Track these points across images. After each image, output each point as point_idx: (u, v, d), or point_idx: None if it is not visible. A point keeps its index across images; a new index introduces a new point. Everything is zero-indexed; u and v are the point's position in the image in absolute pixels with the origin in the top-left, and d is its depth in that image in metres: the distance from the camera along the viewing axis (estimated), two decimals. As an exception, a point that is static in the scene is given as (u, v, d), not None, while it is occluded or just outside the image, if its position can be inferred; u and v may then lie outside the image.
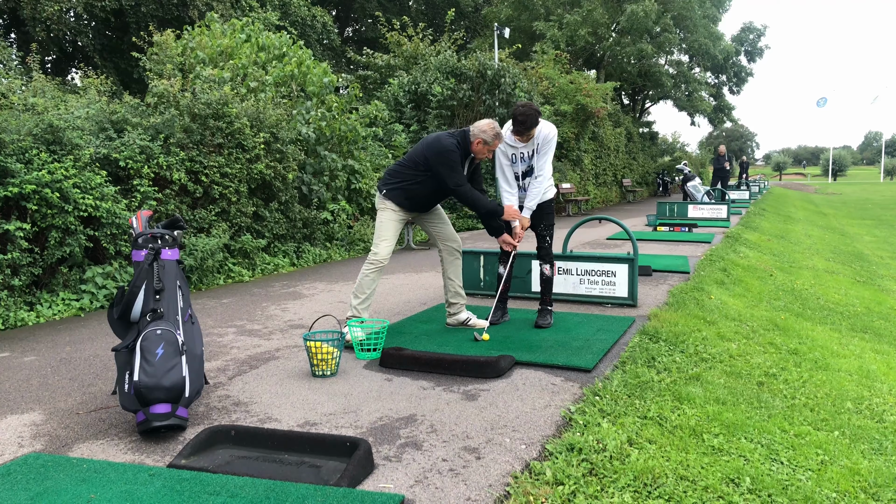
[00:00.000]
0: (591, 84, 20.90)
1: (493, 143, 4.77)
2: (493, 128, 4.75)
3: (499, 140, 4.80)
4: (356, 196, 11.09)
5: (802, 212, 25.32)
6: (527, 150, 5.03)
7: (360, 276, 4.88)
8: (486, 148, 4.78)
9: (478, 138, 4.75)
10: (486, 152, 4.81)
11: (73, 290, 6.33)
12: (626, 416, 3.44)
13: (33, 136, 6.25)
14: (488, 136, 4.73)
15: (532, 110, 4.79)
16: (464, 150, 4.81)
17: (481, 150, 4.79)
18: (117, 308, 3.41)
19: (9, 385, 4.07)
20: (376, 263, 4.86)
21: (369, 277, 4.86)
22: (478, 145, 4.77)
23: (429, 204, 5.02)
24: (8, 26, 20.81)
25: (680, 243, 11.07)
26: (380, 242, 4.90)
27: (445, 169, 4.71)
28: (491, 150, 4.82)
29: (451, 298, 5.18)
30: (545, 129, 4.98)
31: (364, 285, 4.87)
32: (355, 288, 4.90)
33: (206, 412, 3.52)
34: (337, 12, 32.73)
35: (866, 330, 7.47)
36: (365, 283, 4.86)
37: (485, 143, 4.75)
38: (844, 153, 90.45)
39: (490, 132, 4.74)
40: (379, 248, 4.88)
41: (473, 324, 5.20)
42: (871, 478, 3.22)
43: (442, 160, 4.71)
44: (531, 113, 4.79)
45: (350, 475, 2.66)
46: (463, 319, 5.21)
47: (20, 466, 2.83)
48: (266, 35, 11.30)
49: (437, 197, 4.98)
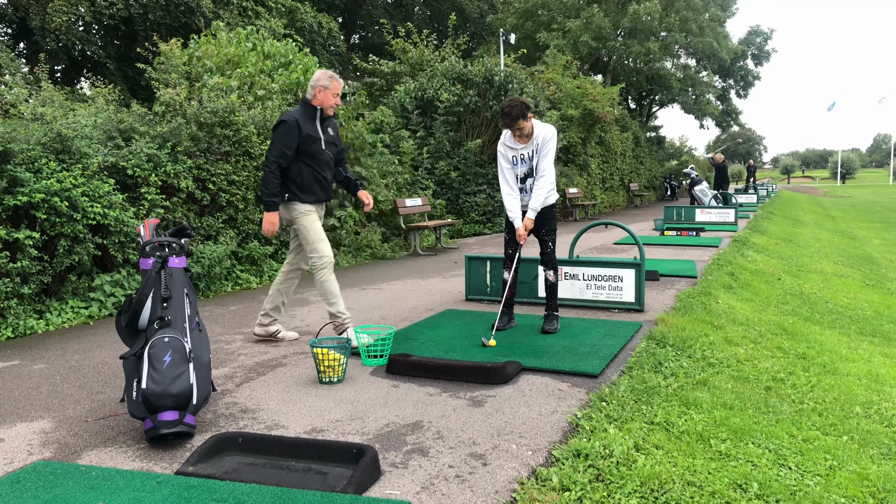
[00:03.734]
0: (598, 89, 20.92)
1: (332, 84, 4.82)
2: (324, 73, 4.85)
3: (336, 80, 4.86)
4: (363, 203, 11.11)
5: (811, 215, 25.21)
6: (527, 150, 5.06)
7: (322, 284, 4.89)
8: (328, 93, 4.84)
9: (316, 88, 4.83)
10: (332, 97, 4.86)
11: (82, 298, 6.37)
12: (633, 421, 3.43)
13: (42, 145, 6.30)
14: (323, 80, 4.82)
15: (517, 102, 4.87)
16: (308, 110, 4.87)
17: (326, 98, 4.85)
18: (125, 316, 3.43)
19: (18, 393, 4.10)
20: (327, 265, 4.91)
21: (330, 280, 4.90)
22: (319, 94, 4.83)
23: (322, 189, 5.01)
24: (17, 36, 20.99)
25: (687, 248, 11.04)
26: (318, 243, 4.92)
27: (274, 139, 4.78)
28: (335, 93, 4.86)
29: (271, 311, 5.19)
30: (544, 130, 5.02)
31: (331, 290, 4.90)
32: (325, 297, 4.90)
33: (214, 419, 3.53)
34: (343, 19, 32.87)
35: (875, 334, 7.43)
36: (330, 287, 4.90)
37: (324, 88, 4.82)
38: (853, 156, 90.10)
39: (324, 77, 4.83)
40: (320, 248, 4.91)
41: (283, 336, 5.26)
42: (881, 483, 3.20)
43: (274, 132, 4.80)
44: (517, 104, 4.86)
45: (357, 482, 2.66)
46: (272, 332, 5.25)
47: (30, 474, 2.85)
48: (272, 43, 11.35)
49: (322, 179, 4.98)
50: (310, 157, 4.85)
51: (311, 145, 4.82)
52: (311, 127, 4.84)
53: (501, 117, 4.96)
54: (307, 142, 4.80)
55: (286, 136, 4.73)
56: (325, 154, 4.94)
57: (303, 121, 4.79)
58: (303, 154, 4.82)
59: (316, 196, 4.95)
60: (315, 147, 4.85)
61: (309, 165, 4.87)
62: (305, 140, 4.79)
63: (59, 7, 17.30)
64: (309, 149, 4.82)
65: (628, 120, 28.74)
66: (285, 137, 4.73)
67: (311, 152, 4.84)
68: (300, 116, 4.79)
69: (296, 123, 4.74)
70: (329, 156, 5.00)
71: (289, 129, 4.72)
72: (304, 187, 4.87)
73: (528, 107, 4.90)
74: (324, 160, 4.94)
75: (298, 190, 4.87)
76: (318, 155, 4.88)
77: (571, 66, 22.50)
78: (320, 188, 4.97)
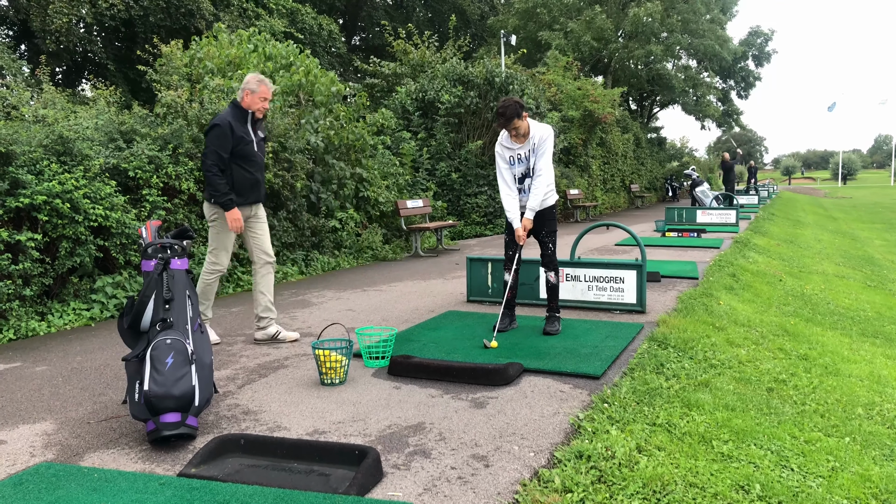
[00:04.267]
0: (599, 90, 20.94)
1: (261, 88, 4.86)
2: (253, 77, 4.89)
3: (265, 84, 4.89)
4: (364, 204, 11.12)
5: (812, 216, 25.21)
6: (523, 150, 5.07)
7: (202, 282, 5.02)
8: (256, 97, 4.87)
9: (244, 91, 4.87)
10: (259, 101, 4.89)
11: (84, 300, 6.38)
12: (635, 423, 3.43)
13: (44, 147, 6.31)
14: (252, 84, 4.86)
15: (511, 101, 4.88)
16: (239, 113, 4.90)
17: (253, 101, 4.89)
18: (127, 318, 3.43)
19: (21, 395, 4.10)
20: (216, 273, 5.04)
21: (211, 286, 5.06)
22: (247, 97, 4.87)
23: (254, 190, 5.06)
24: (18, 38, 21.02)
25: (689, 249, 11.03)
26: (220, 252, 5.04)
27: (208, 142, 4.81)
28: (263, 97, 4.89)
29: (262, 313, 5.21)
30: (540, 130, 5.03)
31: (206, 294, 5.05)
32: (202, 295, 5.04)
33: (216, 421, 3.54)
34: (344, 21, 32.89)
35: (877, 335, 7.42)
36: (207, 292, 5.05)
37: (252, 91, 4.86)
38: (854, 157, 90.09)
39: (252, 81, 4.87)
40: (220, 257, 5.04)
41: (284, 336, 5.27)
42: (883, 484, 3.20)
43: (207, 136, 4.83)
44: (510, 104, 4.86)
45: (359, 483, 2.66)
46: (272, 333, 5.26)
47: (32, 476, 2.85)
48: (273, 44, 11.36)
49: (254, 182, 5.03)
50: (243, 158, 4.91)
51: (244, 147, 4.89)
52: (244, 129, 4.91)
53: (496, 117, 4.97)
54: (240, 144, 4.86)
55: (221, 138, 4.78)
56: (257, 156, 5.02)
57: (235, 123, 4.85)
58: (236, 156, 4.89)
59: (247, 198, 5.03)
60: (248, 149, 4.92)
61: (242, 167, 4.94)
62: (238, 142, 4.85)
63: (59, 9, 17.31)
64: (242, 151, 4.89)
65: (629, 121, 28.75)
66: (220, 140, 4.78)
67: (244, 154, 4.91)
68: (232, 119, 4.85)
69: (228, 126, 4.79)
70: (261, 157, 5.10)
71: (223, 132, 4.78)
72: (236, 189, 4.95)
73: (522, 106, 4.91)
74: (256, 161, 5.02)
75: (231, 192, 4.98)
76: (251, 157, 4.96)
77: (572, 67, 22.51)
78: (252, 190, 5.05)
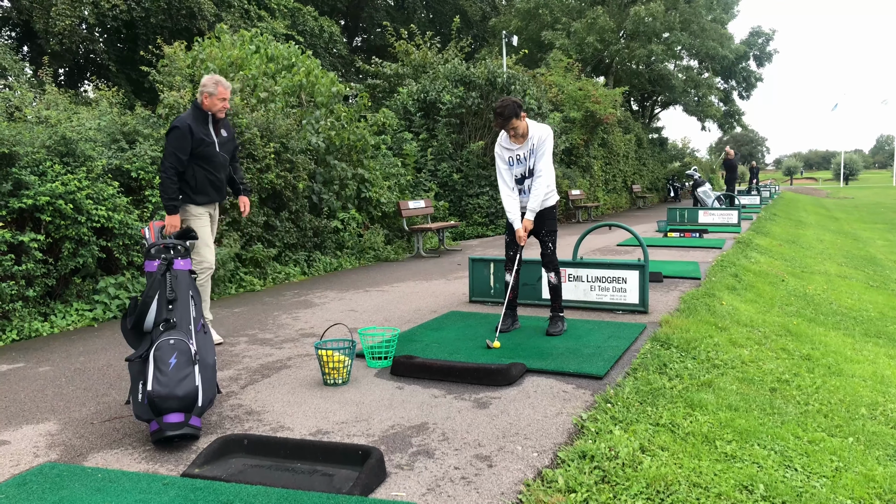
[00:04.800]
0: (600, 91, 20.93)
1: (218, 89, 4.90)
2: (209, 78, 4.93)
3: (221, 86, 4.92)
4: (366, 205, 11.12)
5: (814, 216, 25.18)
6: (522, 151, 5.06)
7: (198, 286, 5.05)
8: (215, 98, 4.92)
9: (202, 94, 4.92)
10: (218, 102, 4.94)
11: (87, 301, 6.38)
12: (638, 423, 3.43)
13: (47, 148, 6.32)
14: (209, 86, 4.91)
15: (509, 101, 4.88)
16: (200, 114, 4.95)
17: (213, 103, 4.94)
18: (130, 318, 3.43)
19: (24, 395, 4.11)
20: (206, 270, 5.06)
21: (205, 286, 5.09)
22: (206, 100, 4.92)
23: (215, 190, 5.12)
24: (21, 39, 21.06)
25: (691, 249, 11.02)
26: (202, 248, 5.05)
27: (167, 145, 4.86)
28: (221, 97, 4.94)
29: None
30: (539, 130, 5.03)
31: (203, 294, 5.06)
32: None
33: (219, 421, 3.54)
34: (345, 22, 32.91)
35: (880, 335, 7.41)
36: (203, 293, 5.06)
37: (210, 94, 4.90)
38: (856, 157, 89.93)
39: (209, 83, 4.91)
40: (203, 253, 5.05)
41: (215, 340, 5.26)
42: (887, 484, 3.20)
43: (167, 138, 4.89)
44: (508, 104, 4.86)
45: (362, 483, 2.66)
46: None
47: (36, 476, 2.86)
48: (275, 45, 11.37)
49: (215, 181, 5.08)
50: (204, 159, 4.98)
51: (205, 148, 4.95)
52: (204, 131, 4.96)
53: (494, 118, 4.97)
54: (201, 145, 4.92)
55: (179, 140, 4.84)
56: (219, 156, 5.08)
57: (195, 125, 4.90)
58: (197, 157, 4.95)
59: (209, 197, 5.11)
60: (209, 150, 4.98)
61: (203, 168, 5.00)
62: (199, 143, 4.91)
63: (62, 10, 17.34)
64: (203, 152, 4.95)
65: (631, 122, 28.72)
66: (178, 142, 4.84)
67: (205, 155, 4.97)
68: (192, 121, 4.90)
69: (188, 128, 4.85)
70: (223, 157, 5.13)
71: (182, 135, 4.84)
72: (197, 189, 5.02)
73: (520, 106, 4.90)
74: (218, 162, 5.08)
75: (192, 192, 5.02)
76: (213, 157, 5.03)
77: (573, 68, 22.51)
78: (213, 189, 5.12)
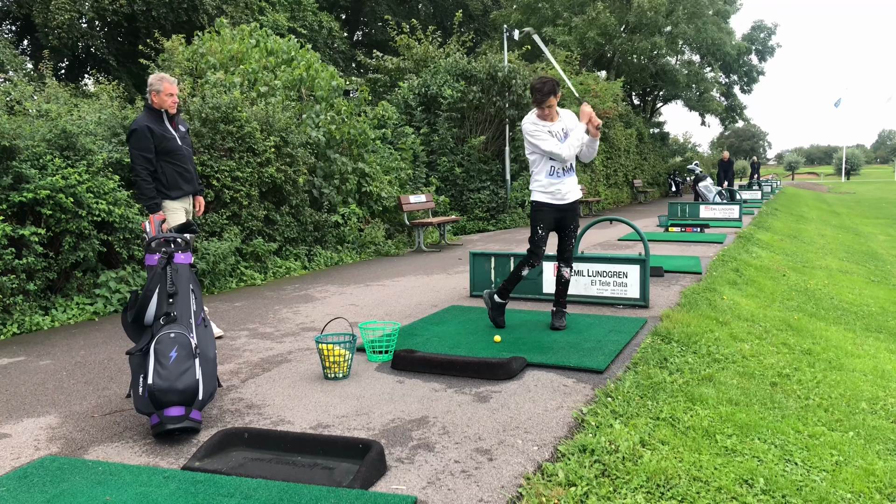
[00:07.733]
0: (600, 84, 20.89)
1: (163, 85, 5.00)
2: (154, 77, 5.03)
3: (166, 81, 5.04)
4: (367, 199, 11.11)
5: (815, 211, 25.15)
6: (558, 127, 5.01)
7: None
8: (163, 95, 5.04)
9: (150, 93, 5.04)
10: (167, 97, 5.03)
11: (87, 295, 6.39)
12: (639, 417, 3.43)
13: (47, 141, 6.31)
14: (155, 84, 5.01)
15: (548, 78, 4.94)
16: (154, 113, 5.05)
17: (162, 100, 5.03)
18: (131, 312, 3.43)
19: (25, 389, 4.11)
20: None
21: None
22: (155, 98, 5.04)
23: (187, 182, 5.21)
24: (21, 33, 21.03)
25: (692, 244, 11.02)
26: None
27: (131, 149, 4.97)
28: (168, 93, 5.02)
29: None
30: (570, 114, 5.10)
31: None
32: None
33: (220, 415, 3.54)
34: (346, 16, 32.84)
35: (881, 330, 7.41)
36: None
37: (157, 91, 5.02)
38: (858, 152, 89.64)
39: (154, 81, 5.01)
40: None
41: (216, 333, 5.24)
42: (887, 478, 3.19)
43: (129, 142, 4.99)
44: (548, 80, 4.92)
45: (363, 477, 2.66)
46: None
47: (37, 469, 2.86)
48: (275, 39, 11.35)
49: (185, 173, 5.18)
50: (169, 154, 5.08)
51: (167, 143, 5.06)
52: (163, 127, 5.07)
53: (532, 93, 4.98)
54: (163, 141, 5.04)
55: (141, 141, 4.95)
56: (182, 149, 5.19)
57: (153, 124, 5.01)
58: (163, 154, 5.06)
59: (182, 190, 5.21)
60: (171, 145, 5.09)
61: (170, 163, 5.11)
62: (161, 140, 5.02)
63: (62, 4, 17.31)
64: (167, 147, 5.06)
65: (632, 116, 28.67)
66: (141, 143, 4.95)
67: (169, 150, 5.08)
68: (149, 121, 5.01)
69: (146, 129, 4.96)
70: (187, 150, 5.25)
71: (142, 135, 4.95)
72: (169, 185, 5.12)
73: (558, 84, 4.93)
74: (183, 155, 5.19)
75: (165, 188, 5.12)
76: (177, 151, 5.13)
77: (573, 61, 22.45)
78: (185, 182, 5.23)
